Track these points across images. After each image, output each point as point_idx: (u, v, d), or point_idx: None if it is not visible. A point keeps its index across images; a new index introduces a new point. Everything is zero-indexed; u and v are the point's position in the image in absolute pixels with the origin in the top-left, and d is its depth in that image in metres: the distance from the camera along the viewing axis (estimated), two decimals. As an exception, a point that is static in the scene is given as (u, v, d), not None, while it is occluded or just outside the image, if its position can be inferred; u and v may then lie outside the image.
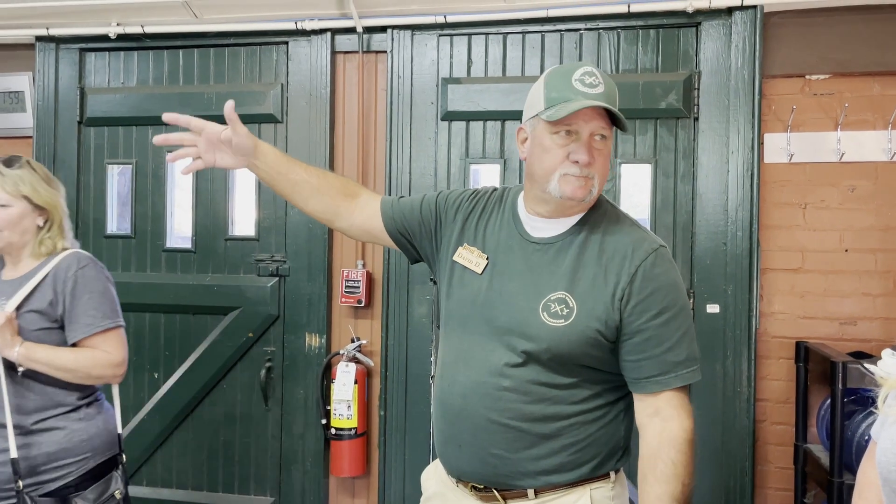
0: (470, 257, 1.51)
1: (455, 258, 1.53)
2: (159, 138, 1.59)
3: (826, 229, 2.59)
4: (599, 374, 1.41)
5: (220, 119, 3.06)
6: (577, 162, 1.38)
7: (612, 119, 1.39)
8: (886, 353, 1.17)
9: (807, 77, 2.60)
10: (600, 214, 1.46)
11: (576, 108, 1.34)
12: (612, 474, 1.46)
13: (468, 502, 1.48)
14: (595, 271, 1.39)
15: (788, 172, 2.61)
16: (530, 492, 1.42)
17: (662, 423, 1.38)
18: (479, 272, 1.48)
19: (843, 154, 2.55)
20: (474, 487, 1.47)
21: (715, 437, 2.58)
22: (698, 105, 2.60)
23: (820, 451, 2.46)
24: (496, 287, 1.45)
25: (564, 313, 1.37)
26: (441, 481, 1.55)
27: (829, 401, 2.34)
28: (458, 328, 1.50)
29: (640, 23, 2.64)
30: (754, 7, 2.53)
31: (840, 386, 2.20)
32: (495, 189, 1.60)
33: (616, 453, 1.45)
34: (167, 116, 1.56)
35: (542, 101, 1.40)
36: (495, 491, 1.44)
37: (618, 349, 1.40)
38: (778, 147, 2.61)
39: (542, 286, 1.40)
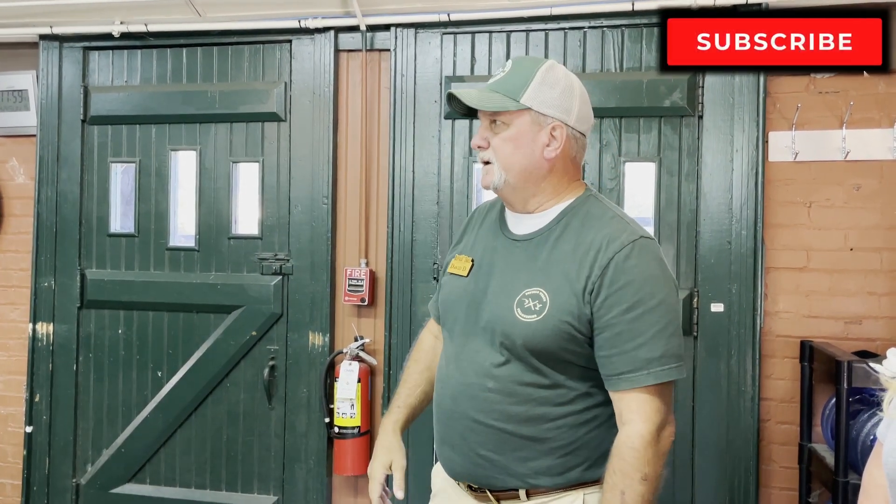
0: (458, 265, 1.53)
1: (449, 270, 1.56)
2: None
3: (831, 228, 2.58)
4: (585, 372, 1.39)
5: (225, 117, 3.05)
6: (475, 149, 1.45)
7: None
8: (892, 353, 1.16)
9: (811, 75, 2.59)
10: (582, 207, 1.45)
11: (446, 97, 1.46)
12: None
13: (466, 501, 1.49)
14: (569, 265, 1.37)
15: (793, 171, 2.60)
16: (521, 493, 1.41)
17: (621, 427, 1.35)
18: (465, 275, 1.50)
19: (848, 152, 2.54)
20: (470, 487, 1.48)
21: (719, 436, 2.57)
22: (703, 103, 2.59)
23: (825, 451, 2.45)
24: (480, 286, 1.46)
25: (537, 308, 1.36)
26: (444, 479, 1.57)
27: (833, 400, 2.33)
28: (450, 331, 1.51)
29: (645, 21, 2.63)
30: (759, 5, 2.52)
31: (845, 385, 2.18)
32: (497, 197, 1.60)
33: (607, 457, 1.39)
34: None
35: None
36: (488, 492, 1.44)
37: (593, 344, 1.37)
38: (783, 145, 2.60)
39: (518, 282, 1.40)
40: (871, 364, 2.20)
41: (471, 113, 1.49)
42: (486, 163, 1.44)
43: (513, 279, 1.41)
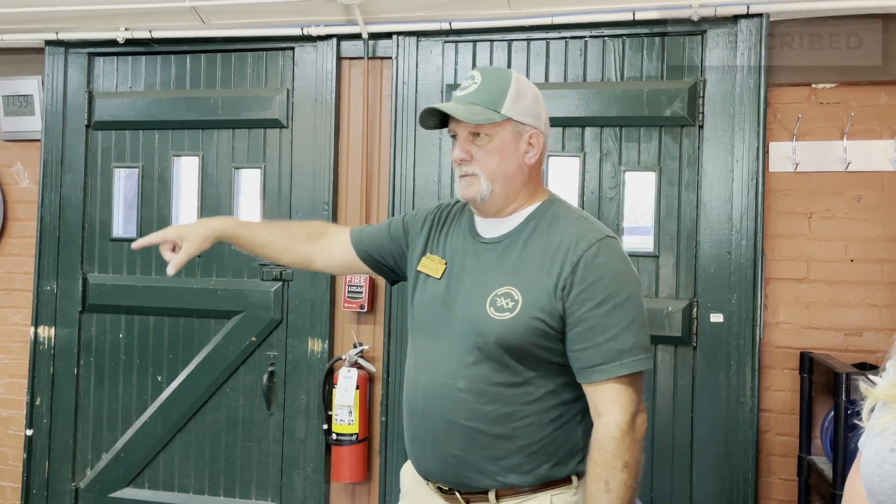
0: (430, 265, 1.57)
1: (419, 268, 1.60)
2: (137, 244, 1.73)
3: (831, 239, 2.57)
4: (553, 369, 1.43)
5: (227, 123, 3.08)
6: (456, 163, 1.49)
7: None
8: (892, 364, 1.16)
9: (813, 86, 2.59)
10: (549, 210, 1.51)
11: (421, 112, 1.50)
12: (575, 479, 1.47)
13: (436, 501, 1.52)
14: (540, 264, 1.43)
15: (794, 181, 2.60)
16: (491, 495, 1.44)
17: (597, 419, 1.40)
18: (438, 277, 1.54)
19: (849, 163, 2.54)
20: (439, 488, 1.51)
21: (718, 447, 2.56)
22: (703, 113, 2.59)
23: (824, 463, 2.43)
24: (452, 289, 1.51)
25: (510, 306, 1.41)
26: (414, 478, 1.60)
27: (833, 412, 2.32)
28: (421, 332, 1.56)
29: (646, 30, 2.63)
30: (760, 15, 2.52)
31: (844, 397, 2.17)
32: (458, 201, 1.66)
33: (575, 455, 1.47)
34: (136, 245, 1.73)
35: None
36: (457, 494, 1.47)
37: (565, 340, 1.42)
38: (783, 156, 2.59)
39: (489, 283, 1.45)
40: (870, 376, 2.19)
41: (441, 124, 1.55)
42: (467, 175, 1.49)
43: (485, 280, 1.46)
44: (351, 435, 2.75)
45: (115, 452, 3.05)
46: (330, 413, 2.80)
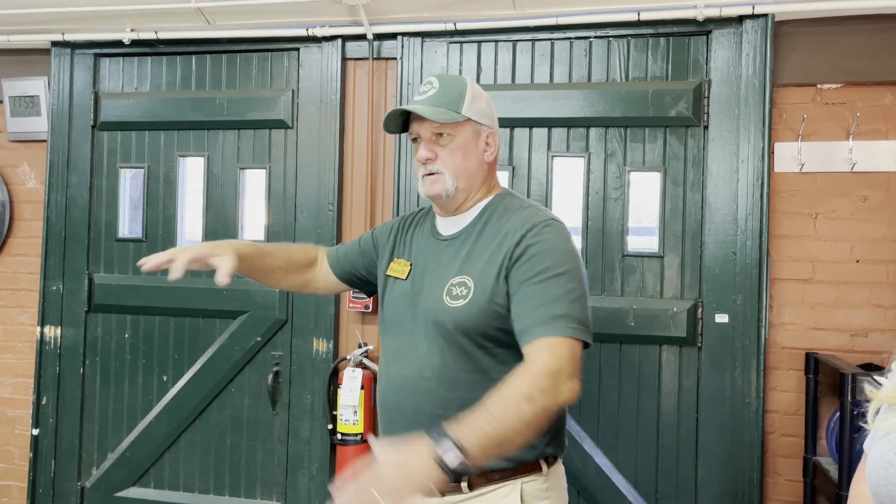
0: (397, 268, 1.67)
1: (387, 273, 1.70)
2: (147, 267, 1.60)
3: (837, 240, 2.57)
4: (515, 353, 1.45)
5: (233, 124, 3.09)
6: (419, 161, 1.59)
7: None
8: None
9: (818, 86, 2.58)
10: (500, 203, 1.61)
11: (386, 115, 1.60)
12: (544, 466, 1.53)
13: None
14: (490, 252, 1.52)
15: (799, 182, 2.59)
16: (464, 485, 1.48)
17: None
18: (405, 278, 1.64)
19: (854, 164, 2.53)
20: None
21: (723, 448, 2.55)
22: (708, 113, 2.59)
23: (829, 464, 2.43)
24: (416, 287, 1.60)
25: (464, 293, 1.50)
26: None
27: (838, 413, 2.31)
28: (390, 331, 1.65)
29: (651, 31, 2.63)
30: (765, 16, 2.51)
31: (850, 398, 2.17)
32: (422, 208, 1.78)
33: (542, 436, 1.48)
34: (146, 268, 1.60)
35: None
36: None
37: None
38: (788, 156, 2.59)
39: (447, 275, 1.55)
40: (876, 377, 2.19)
41: (402, 129, 1.67)
42: (432, 174, 1.58)
43: (443, 274, 1.56)
44: (356, 435, 2.75)
45: (120, 452, 3.06)
46: (335, 413, 2.81)
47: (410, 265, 1.64)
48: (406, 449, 1.29)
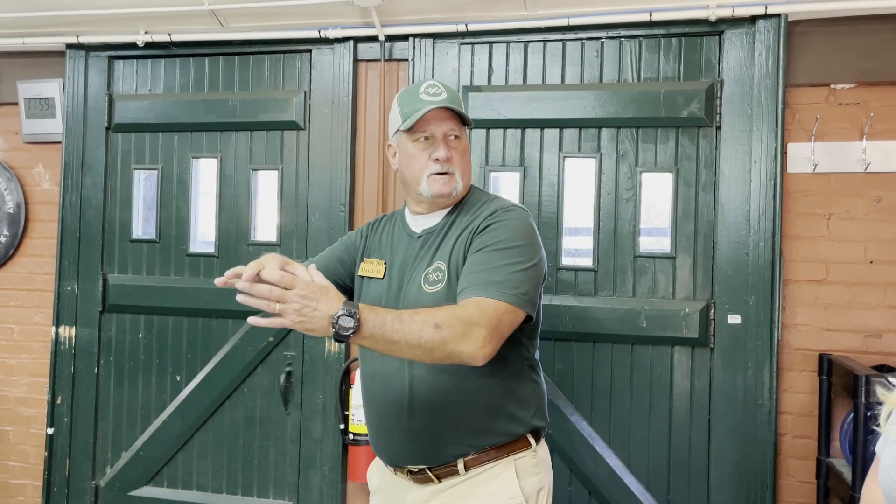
0: (370, 267, 1.74)
1: (360, 273, 1.77)
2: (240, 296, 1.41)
3: (851, 240, 2.55)
4: None
5: (245, 125, 3.10)
6: (437, 160, 1.62)
7: (464, 121, 1.66)
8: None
9: (832, 86, 2.57)
10: (470, 198, 1.70)
11: (425, 111, 1.59)
12: (533, 442, 1.61)
13: (407, 487, 1.63)
14: (459, 239, 1.59)
15: (812, 182, 2.58)
16: (460, 466, 1.57)
17: None
18: (381, 276, 1.70)
19: (868, 164, 2.52)
20: (410, 472, 1.61)
21: (735, 449, 2.55)
22: (721, 114, 2.58)
23: (843, 466, 2.42)
24: (395, 282, 1.66)
25: (440, 278, 1.57)
26: (382, 474, 1.73)
27: (852, 414, 2.30)
28: None
29: (662, 31, 2.63)
30: (778, 16, 2.51)
31: (863, 400, 2.16)
32: (384, 216, 1.88)
33: (528, 407, 1.60)
34: (241, 285, 1.37)
35: (399, 116, 1.66)
36: (429, 472, 1.57)
37: None
38: (802, 157, 2.58)
39: (424, 265, 1.62)
40: (890, 378, 2.18)
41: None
42: (446, 173, 1.64)
43: (421, 265, 1.63)
44: (367, 435, 2.76)
45: (134, 451, 3.08)
46: (347, 413, 2.82)
47: (385, 263, 1.71)
48: (323, 291, 1.34)
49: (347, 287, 1.85)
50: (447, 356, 1.39)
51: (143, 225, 3.15)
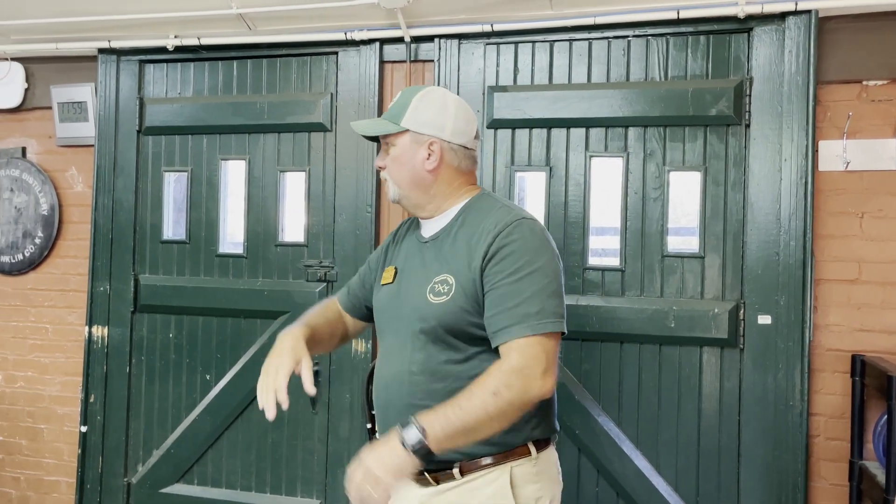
0: (385, 275, 1.76)
1: (381, 282, 1.78)
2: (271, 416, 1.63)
3: (884, 239, 2.51)
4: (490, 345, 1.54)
5: (273, 127, 3.13)
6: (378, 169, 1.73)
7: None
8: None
9: (864, 83, 2.53)
10: (476, 204, 1.67)
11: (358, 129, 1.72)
12: (534, 450, 1.59)
13: (409, 486, 1.62)
14: (466, 250, 1.58)
15: (844, 181, 2.54)
16: (455, 471, 1.56)
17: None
18: (392, 281, 1.72)
19: (902, 162, 2.47)
20: None
21: (767, 451, 2.52)
22: (750, 112, 2.55)
23: (876, 469, 2.38)
24: (403, 288, 1.68)
25: (445, 290, 1.57)
26: None
27: (886, 416, 2.26)
28: (382, 333, 1.74)
29: (690, 29, 2.60)
30: (808, 12, 2.47)
31: (898, 401, 2.13)
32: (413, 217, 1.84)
33: (529, 420, 1.55)
34: (271, 416, 1.61)
35: None
36: (426, 474, 1.57)
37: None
38: (833, 154, 2.54)
39: (430, 274, 1.62)
40: (926, 380, 2.13)
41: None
42: (386, 180, 1.71)
43: (426, 273, 1.63)
44: (394, 434, 2.77)
45: (165, 449, 3.13)
46: (373, 412, 2.82)
47: (396, 269, 1.73)
48: (381, 439, 1.43)
49: (370, 309, 1.86)
50: (521, 408, 1.45)
51: (173, 226, 3.19)
